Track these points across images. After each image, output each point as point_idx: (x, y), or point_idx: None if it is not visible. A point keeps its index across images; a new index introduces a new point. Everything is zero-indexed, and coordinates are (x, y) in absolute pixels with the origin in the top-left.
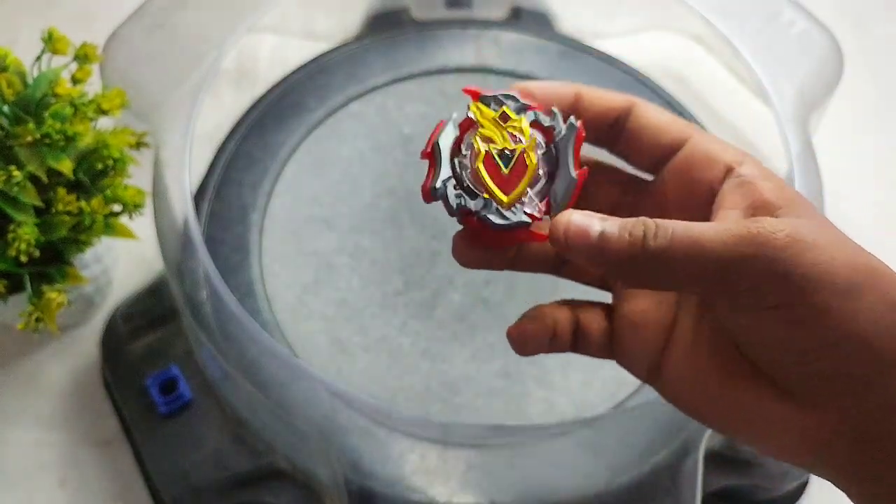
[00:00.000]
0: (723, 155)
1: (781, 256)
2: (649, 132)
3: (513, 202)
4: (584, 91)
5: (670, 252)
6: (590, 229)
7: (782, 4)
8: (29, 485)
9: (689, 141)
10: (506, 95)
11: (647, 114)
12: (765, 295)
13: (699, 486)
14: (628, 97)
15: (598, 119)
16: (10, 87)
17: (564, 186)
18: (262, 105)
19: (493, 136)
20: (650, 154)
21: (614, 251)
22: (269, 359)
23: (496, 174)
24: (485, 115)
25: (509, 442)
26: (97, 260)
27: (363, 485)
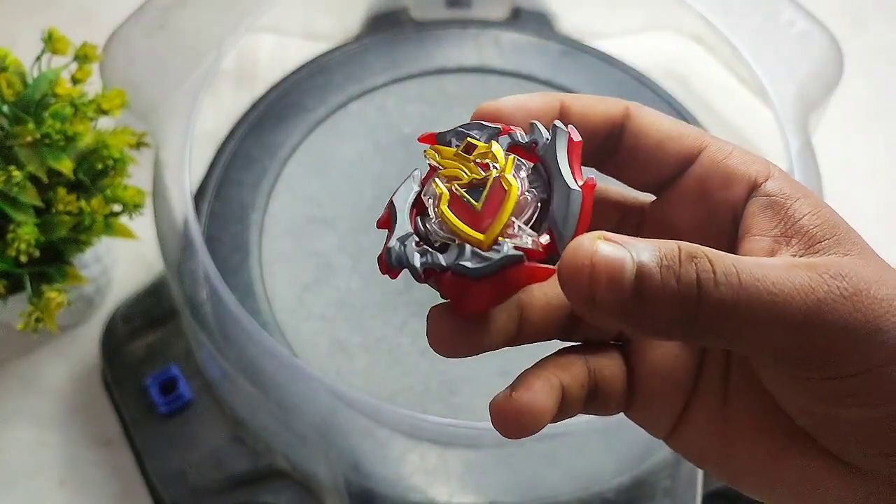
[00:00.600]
0: (745, 168)
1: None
2: (651, 146)
3: (493, 239)
4: (569, 102)
5: (739, 304)
6: (623, 269)
7: (782, 4)
8: (29, 485)
9: (702, 153)
10: (468, 125)
11: (647, 123)
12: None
13: (699, 486)
14: (621, 103)
15: (587, 135)
16: (10, 87)
17: (564, 204)
18: (262, 105)
19: (456, 172)
20: (654, 173)
21: (659, 305)
22: (269, 359)
23: (467, 214)
24: (444, 155)
25: (508, 442)
26: (97, 260)
27: (363, 485)
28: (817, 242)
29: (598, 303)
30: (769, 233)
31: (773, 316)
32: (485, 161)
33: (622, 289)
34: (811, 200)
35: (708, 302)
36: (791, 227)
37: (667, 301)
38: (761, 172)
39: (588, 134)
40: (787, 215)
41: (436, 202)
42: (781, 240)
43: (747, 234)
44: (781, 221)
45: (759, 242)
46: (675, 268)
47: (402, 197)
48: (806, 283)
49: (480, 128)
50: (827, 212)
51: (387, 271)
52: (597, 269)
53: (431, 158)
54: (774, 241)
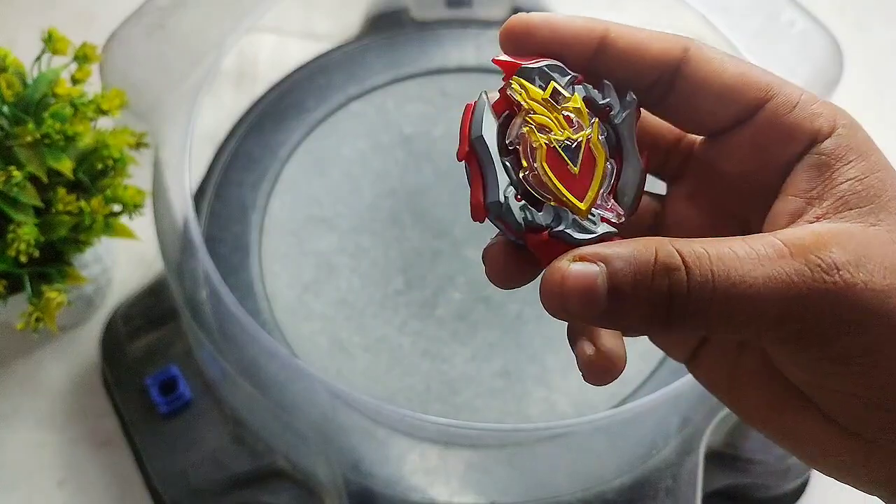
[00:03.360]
0: (808, 124)
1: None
2: (710, 96)
3: (589, 210)
4: (616, 34)
5: (710, 307)
6: (594, 287)
7: (782, 4)
8: (28, 485)
9: (767, 104)
10: (551, 67)
11: (708, 70)
12: (830, 343)
13: (699, 486)
14: (679, 43)
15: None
16: (10, 88)
17: (635, 180)
18: (262, 105)
19: (549, 123)
20: (710, 122)
21: (632, 313)
22: (269, 359)
23: (564, 175)
24: (532, 95)
25: (509, 442)
26: (97, 260)
27: (363, 485)
28: (848, 209)
29: (572, 315)
30: (805, 193)
31: (749, 315)
32: (571, 116)
33: (595, 302)
34: (864, 163)
35: (681, 309)
36: (828, 189)
37: (638, 310)
38: (825, 127)
39: (638, 73)
40: (830, 177)
41: (533, 154)
42: (814, 201)
43: (783, 193)
44: (821, 183)
45: (789, 203)
46: (648, 281)
47: (488, 133)
48: (787, 280)
49: (561, 72)
50: (880, 177)
51: (480, 216)
52: (567, 288)
53: (518, 94)
54: (807, 203)
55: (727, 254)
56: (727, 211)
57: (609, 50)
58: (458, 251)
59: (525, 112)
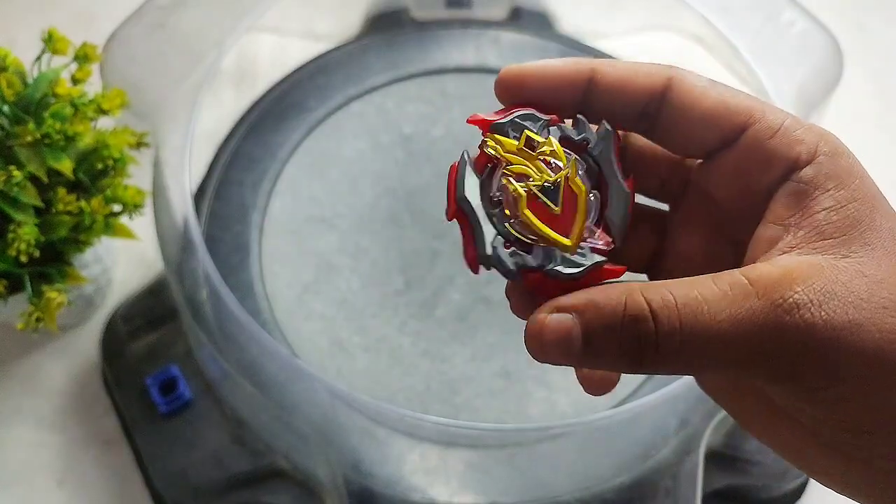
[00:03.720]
0: (787, 150)
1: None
2: (693, 121)
3: (577, 244)
4: (602, 72)
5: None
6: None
7: (782, 4)
8: (28, 485)
9: (749, 129)
10: (522, 116)
11: (690, 97)
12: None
13: (699, 486)
14: (662, 73)
15: (623, 107)
16: (10, 87)
17: (621, 205)
18: (262, 105)
19: (527, 170)
20: (695, 147)
21: (608, 361)
22: (269, 359)
23: (547, 216)
24: (507, 147)
25: (509, 442)
26: (97, 260)
27: (363, 485)
28: (823, 239)
29: (552, 360)
30: (783, 220)
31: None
32: (548, 160)
33: (572, 351)
34: (842, 193)
35: (651, 356)
36: (805, 218)
37: (611, 355)
38: (804, 154)
39: (625, 105)
40: (807, 206)
41: (515, 203)
42: (791, 229)
43: (764, 219)
44: (798, 212)
45: (768, 230)
46: (617, 330)
47: (469, 190)
48: (753, 319)
49: (534, 119)
50: (854, 207)
51: (475, 269)
52: (547, 340)
53: (493, 150)
54: (784, 230)
55: (694, 298)
56: (721, 234)
57: (598, 87)
58: (458, 251)
59: (503, 164)
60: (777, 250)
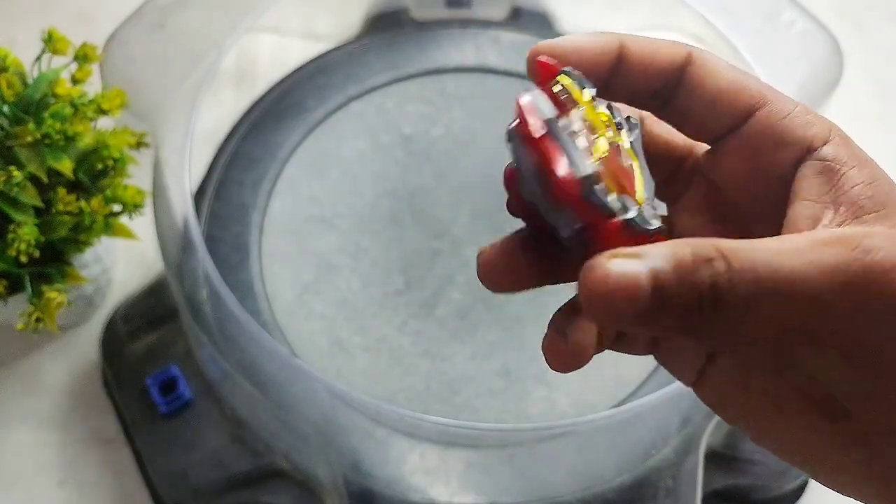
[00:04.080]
0: (802, 131)
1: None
2: (707, 98)
3: (643, 204)
4: (628, 46)
5: (755, 302)
6: (637, 284)
7: (782, 4)
8: (29, 485)
9: (760, 110)
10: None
11: (706, 73)
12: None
13: (699, 486)
14: (683, 49)
15: (646, 81)
16: (10, 87)
17: (652, 191)
18: (262, 105)
19: (598, 124)
20: (709, 125)
21: (677, 313)
22: (269, 359)
23: (622, 171)
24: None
25: (509, 442)
26: (97, 260)
27: (363, 485)
28: (865, 213)
29: (619, 318)
30: (818, 199)
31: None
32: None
33: (639, 301)
34: (867, 170)
35: (723, 303)
36: (841, 195)
37: (681, 305)
38: (819, 136)
39: (648, 79)
40: (839, 183)
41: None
42: (830, 206)
43: (796, 199)
44: (832, 188)
45: (806, 208)
46: (690, 274)
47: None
48: (831, 263)
49: (590, 84)
50: (883, 184)
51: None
52: (612, 288)
53: (570, 91)
54: (823, 207)
55: (763, 246)
56: (731, 222)
57: (625, 62)
58: (458, 251)
59: (569, 105)
60: (823, 226)
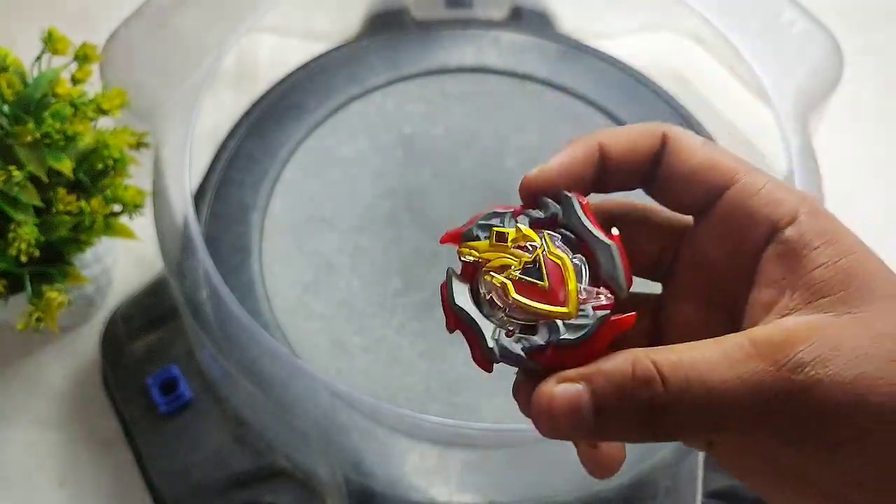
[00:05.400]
0: (769, 210)
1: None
2: (682, 175)
3: (576, 308)
4: (607, 143)
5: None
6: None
7: (782, 4)
8: (29, 485)
9: (732, 187)
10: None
11: (681, 150)
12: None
13: (699, 486)
14: (658, 131)
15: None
16: (10, 87)
17: (608, 257)
18: (262, 105)
19: (505, 261)
20: (686, 201)
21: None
22: (269, 359)
23: (539, 294)
24: (480, 248)
25: (509, 442)
26: (97, 260)
27: (363, 484)
28: (820, 297)
29: (562, 434)
30: (777, 283)
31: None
32: (523, 244)
33: (583, 420)
34: (835, 248)
35: (662, 418)
36: (798, 279)
37: (624, 422)
38: (786, 215)
39: (632, 166)
40: (799, 266)
41: (502, 294)
42: (786, 292)
43: (756, 283)
44: (791, 271)
45: (763, 293)
46: (628, 394)
47: (459, 298)
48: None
49: (497, 215)
50: (848, 262)
51: (488, 367)
52: (555, 409)
53: (469, 256)
54: (778, 293)
55: (700, 360)
56: (715, 302)
57: (608, 159)
58: None
59: (483, 265)
60: (775, 314)
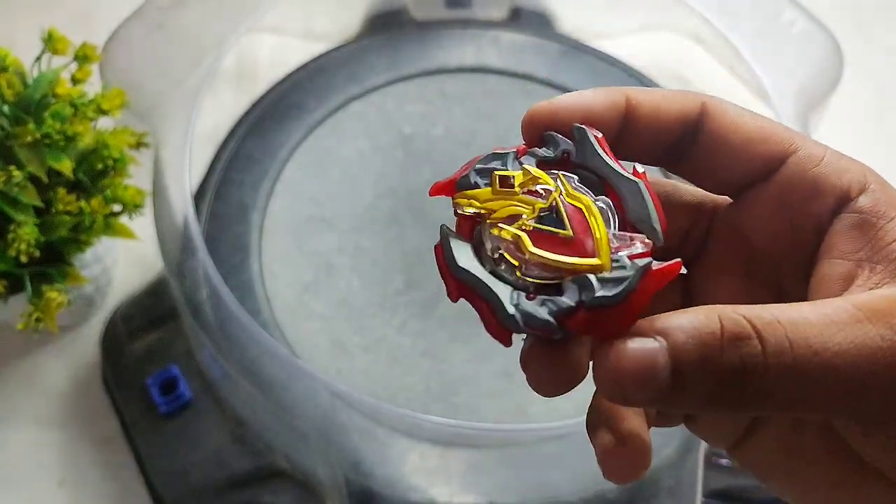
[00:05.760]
0: (837, 179)
1: None
2: (732, 149)
3: (609, 259)
4: (636, 98)
5: (791, 386)
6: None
7: (782, 4)
8: (29, 485)
9: (791, 157)
10: (484, 159)
11: (728, 122)
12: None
13: (699, 486)
14: (697, 98)
15: (659, 136)
16: (10, 87)
17: (639, 199)
18: (262, 105)
19: (515, 209)
20: (734, 177)
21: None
22: (269, 359)
23: (562, 244)
24: (481, 198)
25: (509, 442)
26: (97, 260)
27: (363, 485)
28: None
29: (631, 401)
30: (852, 256)
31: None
32: (533, 189)
33: (656, 384)
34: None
35: (757, 386)
36: (879, 251)
37: (705, 390)
38: (855, 184)
39: (660, 133)
40: (876, 237)
41: (516, 248)
42: (865, 265)
43: (826, 256)
44: (868, 244)
45: (837, 266)
46: (717, 354)
47: (463, 259)
48: (873, 345)
49: (497, 157)
50: None
51: (507, 339)
52: (623, 369)
53: (469, 207)
54: (856, 266)
55: (800, 319)
56: (759, 278)
57: (633, 117)
58: None
59: (487, 216)
60: (859, 287)
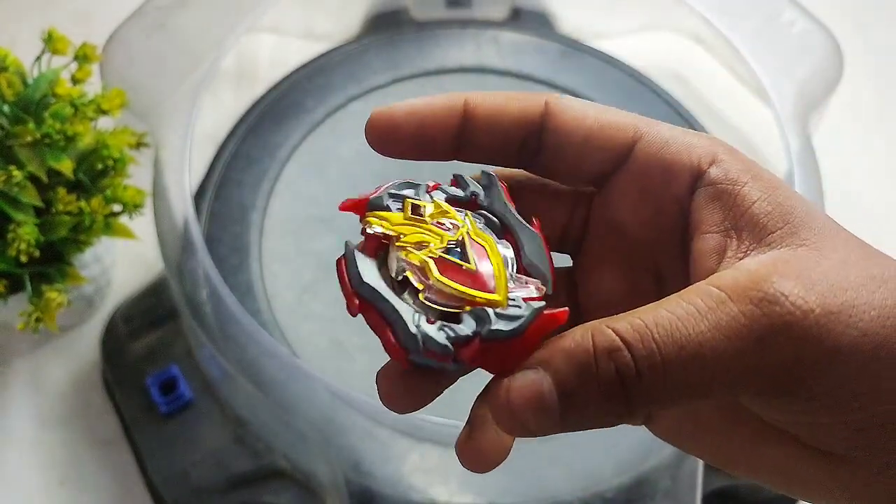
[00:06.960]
0: (686, 156)
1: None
2: (576, 144)
3: (506, 296)
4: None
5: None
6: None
7: (782, 4)
8: (29, 484)
9: (637, 144)
10: (396, 185)
11: (569, 119)
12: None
13: (699, 486)
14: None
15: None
16: (10, 87)
17: (535, 247)
18: (261, 105)
19: (424, 237)
20: (585, 171)
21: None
22: (269, 359)
23: (464, 276)
24: (394, 221)
25: None
26: (97, 260)
27: (363, 485)
28: (768, 234)
29: (531, 431)
30: (718, 227)
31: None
32: (441, 221)
33: (547, 407)
34: (762, 182)
35: (636, 391)
36: (740, 217)
37: (595, 405)
38: (704, 157)
39: (502, 135)
40: (735, 204)
41: (424, 273)
42: (732, 234)
43: (697, 232)
44: (730, 213)
45: (708, 241)
46: (593, 370)
47: (369, 276)
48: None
49: (410, 186)
50: (781, 194)
51: (405, 361)
52: (515, 403)
53: (379, 227)
54: (725, 236)
55: (665, 317)
56: (638, 265)
57: (472, 121)
58: None
59: (396, 239)
60: (731, 258)
